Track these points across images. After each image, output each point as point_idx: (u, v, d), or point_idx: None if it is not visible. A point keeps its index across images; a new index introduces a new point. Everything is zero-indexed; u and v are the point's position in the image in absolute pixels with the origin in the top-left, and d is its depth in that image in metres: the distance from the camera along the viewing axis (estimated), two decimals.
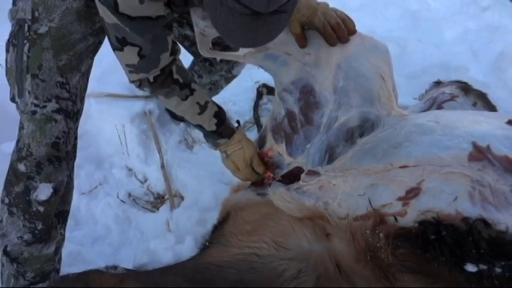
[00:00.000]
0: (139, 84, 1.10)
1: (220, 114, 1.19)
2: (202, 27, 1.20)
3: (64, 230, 1.22)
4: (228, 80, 1.55)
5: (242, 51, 1.29)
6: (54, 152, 1.09)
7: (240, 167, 1.21)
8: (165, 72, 1.09)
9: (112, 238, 1.46)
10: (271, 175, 1.21)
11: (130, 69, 1.05)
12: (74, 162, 1.19)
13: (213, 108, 1.18)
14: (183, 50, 1.46)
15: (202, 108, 1.15)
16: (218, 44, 1.33)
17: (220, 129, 1.19)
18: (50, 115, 1.08)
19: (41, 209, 1.11)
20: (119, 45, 1.00)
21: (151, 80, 1.08)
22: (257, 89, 1.84)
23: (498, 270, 0.75)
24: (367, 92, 1.13)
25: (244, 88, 1.88)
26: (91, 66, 1.19)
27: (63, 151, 1.11)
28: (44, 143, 1.08)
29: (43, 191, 1.10)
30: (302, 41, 1.13)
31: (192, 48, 1.41)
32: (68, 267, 1.27)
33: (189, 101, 1.13)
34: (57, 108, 1.08)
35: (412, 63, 1.95)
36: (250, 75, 1.90)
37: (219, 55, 1.32)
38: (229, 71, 1.50)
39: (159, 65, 1.06)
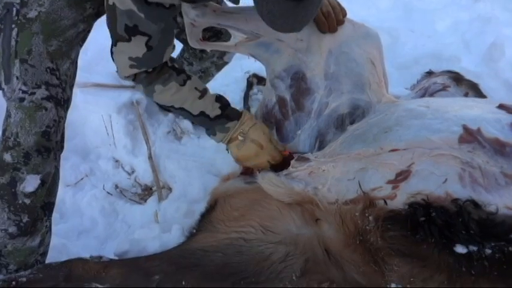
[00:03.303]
0: (134, 78, 1.07)
1: (221, 98, 1.14)
2: (193, 16, 1.18)
3: (50, 222, 1.18)
4: (219, 68, 1.52)
5: (233, 41, 1.27)
6: (44, 142, 1.05)
7: (263, 144, 1.10)
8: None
9: (98, 231, 1.42)
10: (290, 152, 1.13)
11: (133, 63, 1.02)
12: (61, 153, 1.16)
13: (212, 94, 1.14)
14: None
15: (202, 92, 1.11)
16: (209, 30, 1.30)
17: (227, 112, 1.12)
18: (39, 102, 1.04)
19: (27, 201, 1.07)
20: (126, 36, 0.98)
21: (150, 70, 1.05)
22: (247, 79, 1.82)
23: (488, 251, 0.75)
24: (357, 78, 1.13)
25: (235, 78, 1.85)
26: (78, 54, 1.16)
27: (53, 141, 1.08)
28: (33, 132, 1.04)
29: (30, 183, 1.06)
30: None
31: (181, 35, 1.38)
32: (52, 261, 1.23)
33: (188, 86, 1.09)
34: (47, 96, 1.05)
35: (404, 53, 1.94)
36: (241, 66, 1.87)
37: (210, 46, 1.30)
38: (221, 57, 1.47)
39: (163, 59, 1.04)
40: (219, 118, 1.11)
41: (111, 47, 1.05)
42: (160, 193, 1.52)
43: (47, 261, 1.19)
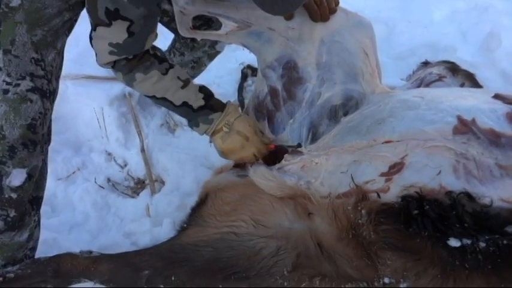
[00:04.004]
0: (113, 65, 1.04)
1: (204, 89, 1.12)
2: (182, 4, 1.15)
3: (38, 217, 1.17)
4: (211, 57, 1.48)
5: (224, 29, 1.24)
6: (29, 135, 1.03)
7: (249, 135, 1.08)
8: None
9: (90, 225, 1.41)
10: (277, 145, 1.10)
11: (113, 49, 1.00)
12: (48, 146, 1.14)
13: (196, 84, 1.11)
14: (162, 28, 1.41)
15: (185, 82, 1.08)
16: (199, 18, 1.27)
17: (211, 102, 1.09)
18: (24, 94, 1.02)
19: (14, 195, 1.05)
20: (106, 20, 0.95)
21: (130, 57, 1.02)
22: (242, 71, 1.79)
23: (482, 244, 0.73)
24: (350, 68, 1.11)
25: (229, 70, 1.83)
26: (65, 45, 1.13)
27: (39, 134, 1.05)
28: (18, 124, 1.02)
29: (16, 177, 1.04)
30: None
31: (171, 24, 1.34)
32: (43, 255, 1.22)
33: (170, 75, 1.07)
34: (32, 87, 1.03)
35: (401, 43, 1.91)
36: (235, 57, 1.84)
37: (200, 35, 1.27)
38: (213, 46, 1.43)
39: (145, 46, 1.02)
40: (203, 109, 1.09)
41: (90, 32, 1.01)
42: (153, 186, 1.51)
43: (38, 256, 1.18)
